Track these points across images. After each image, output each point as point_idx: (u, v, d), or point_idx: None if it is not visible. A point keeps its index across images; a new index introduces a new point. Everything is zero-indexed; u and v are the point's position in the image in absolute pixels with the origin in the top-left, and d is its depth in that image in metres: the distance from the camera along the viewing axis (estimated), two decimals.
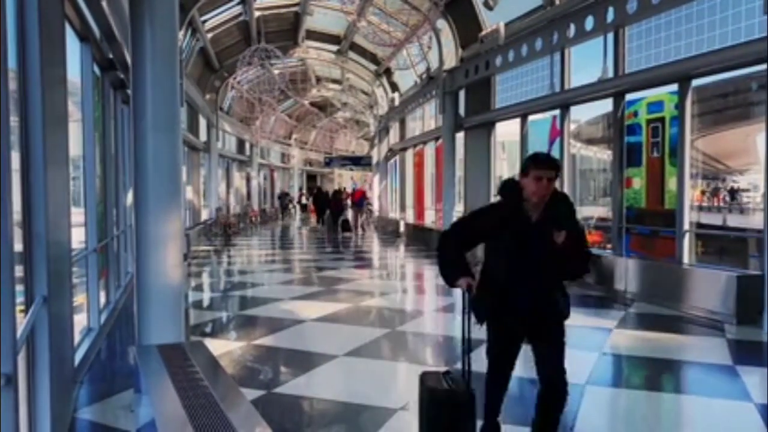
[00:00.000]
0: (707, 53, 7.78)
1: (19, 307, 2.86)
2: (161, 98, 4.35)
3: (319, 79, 27.57)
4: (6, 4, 2.57)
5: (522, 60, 11.69)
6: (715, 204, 12.07)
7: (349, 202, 25.37)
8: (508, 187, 3.34)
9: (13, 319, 2.41)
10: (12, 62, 2.89)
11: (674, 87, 8.33)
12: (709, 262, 8.68)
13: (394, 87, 22.15)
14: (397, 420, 4.13)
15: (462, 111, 14.90)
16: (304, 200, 36.49)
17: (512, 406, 4.70)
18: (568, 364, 3.32)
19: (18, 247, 2.98)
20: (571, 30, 10.02)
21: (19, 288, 3.00)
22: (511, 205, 3.27)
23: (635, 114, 9.39)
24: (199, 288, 10.41)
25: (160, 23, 4.36)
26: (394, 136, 23.97)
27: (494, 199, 10.65)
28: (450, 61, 14.99)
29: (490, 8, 12.12)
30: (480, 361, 3.18)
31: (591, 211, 12.49)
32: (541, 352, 3.32)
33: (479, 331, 3.34)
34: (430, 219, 18.65)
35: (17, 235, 2.96)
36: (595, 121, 12.21)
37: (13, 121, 2.94)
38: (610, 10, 9.09)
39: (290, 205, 34.79)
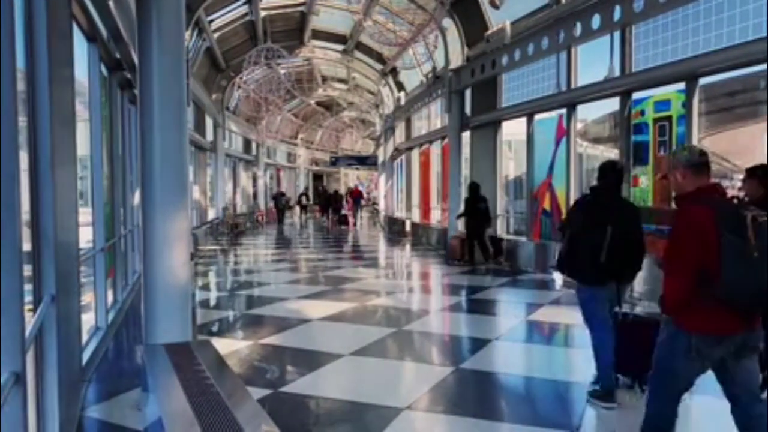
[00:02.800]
0: (714, 51, 7.73)
1: (27, 306, 2.88)
2: (168, 98, 4.35)
3: (325, 79, 27.59)
4: (15, 5, 2.59)
5: (528, 59, 11.66)
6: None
7: (351, 200, 28.52)
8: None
9: (22, 318, 2.43)
10: (20, 62, 2.90)
11: (681, 85, 8.29)
12: None
13: (400, 86, 22.12)
14: (403, 419, 4.14)
15: (468, 110, 14.86)
16: (304, 201, 31.89)
17: (514, 406, 4.71)
18: (573, 364, 3.32)
19: (26, 246, 3.00)
20: (578, 29, 9.99)
21: (28, 287, 3.02)
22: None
23: (642, 113, 9.34)
24: (206, 287, 10.45)
25: (167, 23, 4.37)
26: (399, 135, 23.94)
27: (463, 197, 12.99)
28: (456, 60, 14.96)
29: (496, 7, 12.07)
30: (483, 362, 3.21)
31: None
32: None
33: (483, 332, 3.36)
34: (435, 218, 18.63)
35: (26, 234, 2.98)
36: (601, 119, 12.15)
37: (22, 121, 2.96)
38: (617, 8, 9.04)
39: (286, 207, 30.01)
